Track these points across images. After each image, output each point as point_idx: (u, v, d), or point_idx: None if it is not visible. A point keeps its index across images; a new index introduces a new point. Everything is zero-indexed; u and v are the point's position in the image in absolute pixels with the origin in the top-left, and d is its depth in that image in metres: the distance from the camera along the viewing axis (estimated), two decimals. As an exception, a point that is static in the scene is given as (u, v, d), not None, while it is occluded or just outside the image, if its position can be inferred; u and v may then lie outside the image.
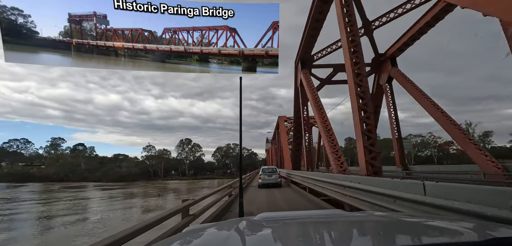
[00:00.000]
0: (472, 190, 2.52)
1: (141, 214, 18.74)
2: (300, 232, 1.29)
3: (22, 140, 75.89)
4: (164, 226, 3.74)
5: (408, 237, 1.09)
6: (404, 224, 1.35)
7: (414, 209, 3.28)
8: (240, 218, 1.78)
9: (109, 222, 15.51)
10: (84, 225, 15.23)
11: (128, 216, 17.81)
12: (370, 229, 1.31)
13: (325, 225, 1.41)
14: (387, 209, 3.87)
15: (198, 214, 5.25)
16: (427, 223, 1.29)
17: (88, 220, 16.78)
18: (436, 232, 1.09)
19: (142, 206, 23.09)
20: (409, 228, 1.24)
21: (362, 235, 1.21)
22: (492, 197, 2.26)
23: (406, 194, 3.49)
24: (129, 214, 18.91)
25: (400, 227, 1.27)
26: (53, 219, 17.48)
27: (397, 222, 1.38)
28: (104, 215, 18.51)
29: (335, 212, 1.94)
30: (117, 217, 17.35)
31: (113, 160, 79.17)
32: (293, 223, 1.50)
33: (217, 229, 1.43)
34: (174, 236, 1.37)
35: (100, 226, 14.46)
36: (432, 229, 1.16)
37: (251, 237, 1.18)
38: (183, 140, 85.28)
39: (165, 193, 35.49)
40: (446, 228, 1.14)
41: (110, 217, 17.59)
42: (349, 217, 1.64)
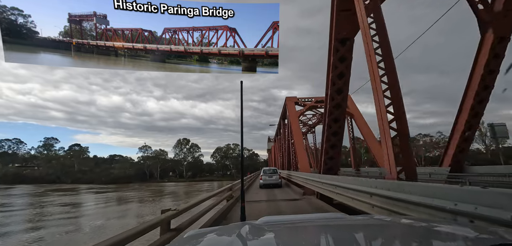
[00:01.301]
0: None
1: (114, 226, 15.66)
2: (303, 236, 1.33)
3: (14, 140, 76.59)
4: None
5: (412, 241, 1.12)
6: (407, 227, 1.40)
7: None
8: (242, 222, 1.84)
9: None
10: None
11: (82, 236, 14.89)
12: (373, 233, 1.34)
13: (328, 229, 1.46)
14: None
15: (184, 226, 4.51)
16: (431, 228, 1.31)
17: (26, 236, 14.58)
18: (441, 236, 1.13)
19: (123, 215, 20.58)
20: (413, 232, 1.28)
21: (365, 238, 1.24)
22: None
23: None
24: (89, 229, 15.85)
25: (404, 230, 1.34)
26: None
27: (400, 226, 1.45)
28: (59, 229, 15.66)
29: (338, 215, 2.01)
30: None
31: (108, 161, 79.75)
32: (295, 227, 1.56)
33: (219, 234, 1.48)
34: (175, 240, 1.44)
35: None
36: (436, 233, 1.19)
37: (253, 241, 1.21)
38: (181, 139, 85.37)
39: (157, 198, 34.02)
40: (452, 233, 1.16)
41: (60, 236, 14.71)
42: (352, 220, 1.71)
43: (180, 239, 1.50)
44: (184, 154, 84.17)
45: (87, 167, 71.47)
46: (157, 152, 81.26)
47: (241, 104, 6.99)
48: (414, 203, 3.45)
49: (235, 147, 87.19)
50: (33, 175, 66.27)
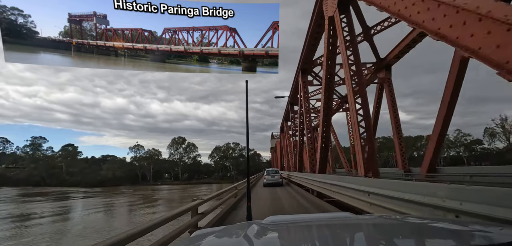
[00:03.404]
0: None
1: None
2: (309, 236, 1.40)
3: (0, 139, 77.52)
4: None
5: (419, 239, 1.20)
6: (413, 226, 1.50)
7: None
8: (248, 222, 1.95)
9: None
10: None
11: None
12: (379, 232, 1.41)
13: (334, 228, 1.55)
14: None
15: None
16: (437, 225, 1.37)
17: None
18: (447, 234, 1.19)
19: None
20: (419, 230, 1.37)
21: (372, 237, 1.32)
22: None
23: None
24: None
25: (410, 229, 1.43)
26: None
27: (406, 224, 1.55)
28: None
29: (344, 215, 2.11)
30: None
31: (99, 161, 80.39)
32: (302, 226, 1.66)
33: (225, 233, 1.58)
34: (183, 241, 1.57)
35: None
36: (442, 231, 1.25)
37: (260, 241, 1.28)
38: (176, 138, 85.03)
39: (139, 205, 31.79)
40: (463, 231, 1.24)
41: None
42: (358, 220, 1.82)
43: (188, 239, 1.59)
44: (180, 154, 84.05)
45: (76, 168, 72.17)
46: (150, 152, 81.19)
47: (246, 102, 7.61)
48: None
49: (235, 147, 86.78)
50: (18, 177, 66.95)
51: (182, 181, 76.16)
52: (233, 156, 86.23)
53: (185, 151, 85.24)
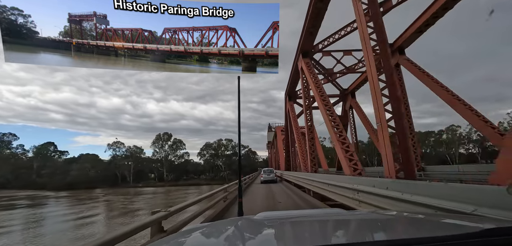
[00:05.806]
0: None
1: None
2: (300, 231, 1.52)
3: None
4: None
5: (406, 231, 1.33)
6: (402, 220, 1.67)
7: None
8: (239, 217, 2.16)
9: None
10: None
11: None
12: (369, 227, 1.53)
13: (325, 223, 1.69)
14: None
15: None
16: (425, 219, 1.52)
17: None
18: (433, 226, 1.31)
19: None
20: (407, 224, 1.53)
21: (363, 232, 1.43)
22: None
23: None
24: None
25: (399, 223, 1.58)
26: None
27: (395, 219, 1.72)
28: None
29: (334, 211, 2.28)
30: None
31: (79, 160, 79.30)
32: (293, 222, 1.81)
33: (216, 228, 1.69)
34: (174, 235, 1.62)
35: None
36: (429, 224, 1.37)
37: (251, 236, 1.37)
38: (161, 135, 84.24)
39: (86, 218, 26.56)
40: (452, 224, 1.37)
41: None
42: (348, 215, 2.00)
43: (179, 233, 1.68)
44: (166, 151, 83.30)
45: (49, 169, 71.47)
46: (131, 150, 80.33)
47: (238, 99, 8.54)
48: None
49: (227, 144, 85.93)
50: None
51: (167, 182, 75.97)
52: (226, 153, 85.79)
53: (171, 149, 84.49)
